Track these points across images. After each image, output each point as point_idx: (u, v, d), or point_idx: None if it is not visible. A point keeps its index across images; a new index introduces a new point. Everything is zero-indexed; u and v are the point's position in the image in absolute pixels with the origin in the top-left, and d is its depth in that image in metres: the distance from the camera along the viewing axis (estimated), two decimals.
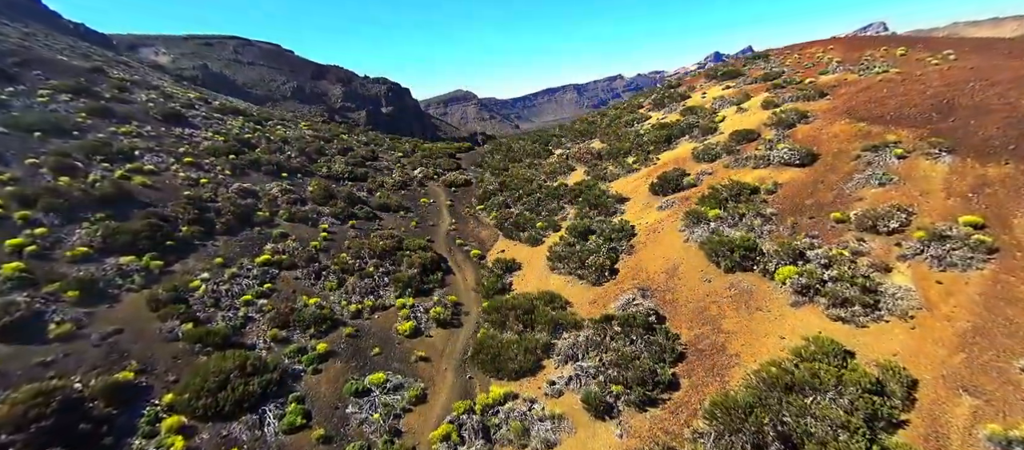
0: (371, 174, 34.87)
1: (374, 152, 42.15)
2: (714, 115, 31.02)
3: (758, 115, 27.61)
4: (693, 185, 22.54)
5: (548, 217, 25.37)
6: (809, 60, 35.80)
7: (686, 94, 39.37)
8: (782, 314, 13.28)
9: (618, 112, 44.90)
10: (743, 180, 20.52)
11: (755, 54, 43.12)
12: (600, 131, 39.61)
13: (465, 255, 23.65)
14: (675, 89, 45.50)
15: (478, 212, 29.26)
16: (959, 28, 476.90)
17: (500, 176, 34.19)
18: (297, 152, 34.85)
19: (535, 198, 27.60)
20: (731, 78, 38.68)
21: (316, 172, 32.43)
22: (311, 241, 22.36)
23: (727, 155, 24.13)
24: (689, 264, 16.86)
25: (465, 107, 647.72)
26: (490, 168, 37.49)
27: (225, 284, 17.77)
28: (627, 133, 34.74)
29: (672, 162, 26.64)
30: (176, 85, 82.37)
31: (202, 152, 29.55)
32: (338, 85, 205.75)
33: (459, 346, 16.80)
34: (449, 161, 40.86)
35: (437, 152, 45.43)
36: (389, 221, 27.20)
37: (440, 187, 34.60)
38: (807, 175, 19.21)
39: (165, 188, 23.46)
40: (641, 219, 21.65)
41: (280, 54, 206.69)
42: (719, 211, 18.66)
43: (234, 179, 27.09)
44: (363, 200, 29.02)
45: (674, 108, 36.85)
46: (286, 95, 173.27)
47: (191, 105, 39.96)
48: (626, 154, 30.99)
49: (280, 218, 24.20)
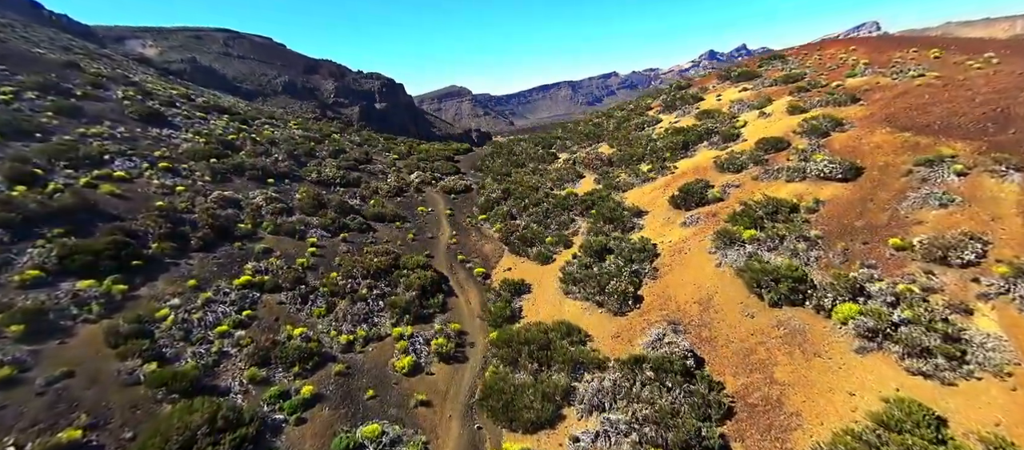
0: (364, 179, 32.87)
1: (367, 154, 40.13)
2: (734, 120, 29.22)
3: (785, 121, 25.85)
4: (719, 199, 20.73)
5: (558, 231, 23.50)
6: (832, 61, 34.10)
7: (699, 96, 37.58)
8: (846, 363, 11.48)
9: (625, 114, 43.05)
10: (778, 195, 18.73)
11: (771, 54, 41.42)
12: (608, 134, 37.76)
13: (468, 273, 21.74)
14: (685, 90, 43.72)
15: (480, 223, 27.34)
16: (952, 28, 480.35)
17: (503, 183, 32.26)
18: (285, 155, 32.80)
19: (542, 208, 25.71)
20: (747, 79, 36.92)
21: (305, 177, 30.39)
22: (298, 258, 20.38)
23: (755, 165, 22.35)
24: (725, 294, 15.05)
25: (459, 103, 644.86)
26: (491, 173, 35.57)
27: (198, 312, 15.78)
28: (638, 138, 32.90)
29: (691, 171, 24.83)
30: (160, 79, 79.94)
31: (181, 155, 27.50)
32: (330, 80, 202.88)
33: (465, 386, 14.92)
34: (447, 164, 38.90)
35: (434, 154, 43.45)
36: (384, 233, 25.24)
37: (438, 194, 32.64)
38: (852, 191, 17.44)
39: (136, 197, 21.40)
40: (663, 237, 19.83)
41: (272, 48, 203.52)
42: (755, 231, 16.85)
43: (214, 186, 25.06)
44: (356, 209, 27.04)
45: (688, 111, 35.04)
46: (277, 90, 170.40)
47: (172, 103, 37.78)
48: (639, 160, 29.15)
49: (264, 231, 22.20)
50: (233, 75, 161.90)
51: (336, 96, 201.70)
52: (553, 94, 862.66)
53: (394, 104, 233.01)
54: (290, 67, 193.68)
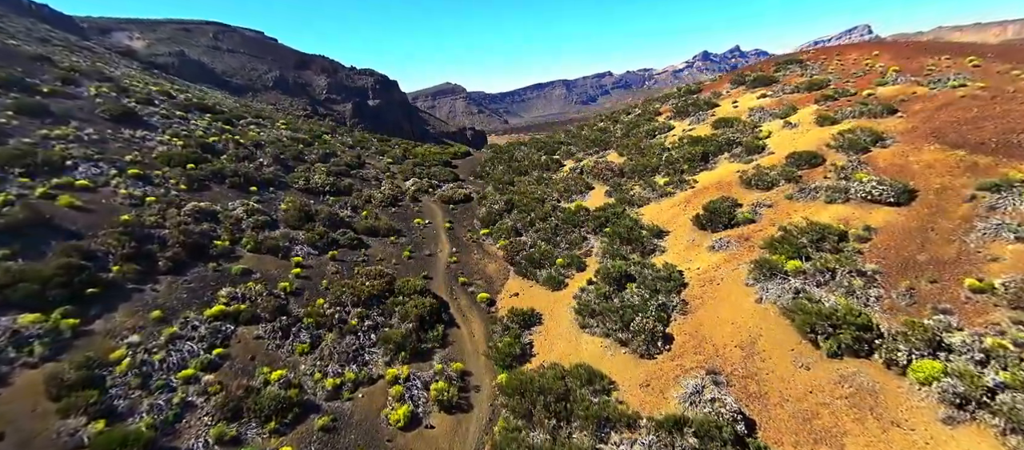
0: (356, 187, 30.79)
1: (360, 158, 38.05)
2: (756, 130, 27.44)
3: (815, 133, 24.07)
4: (750, 220, 18.88)
5: (569, 252, 21.57)
6: (856, 67, 32.41)
7: (713, 102, 35.79)
8: (934, 437, 9.64)
9: (633, 119, 41.21)
10: (818, 219, 16.91)
11: (787, 58, 39.73)
12: (616, 141, 35.90)
13: (471, 299, 19.77)
14: (696, 95, 41.99)
15: (482, 238, 25.38)
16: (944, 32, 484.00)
17: (506, 193, 30.30)
18: (271, 159, 30.67)
19: (550, 224, 23.77)
20: (764, 85, 35.18)
21: (292, 184, 28.30)
22: (280, 281, 18.34)
23: (786, 182, 20.54)
24: (772, 337, 13.18)
25: (453, 101, 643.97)
26: (493, 181, 33.59)
27: (160, 351, 13.72)
28: (650, 146, 31.05)
29: (714, 187, 23.00)
30: (144, 74, 77.35)
31: (154, 160, 25.35)
32: (323, 76, 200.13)
33: (471, 443, 12.97)
34: (445, 171, 36.88)
35: (430, 158, 41.42)
36: (378, 249, 23.20)
37: (436, 204, 30.63)
38: (908, 218, 15.64)
39: (99, 210, 19.28)
40: (690, 262, 17.95)
41: (263, 42, 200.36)
42: (799, 262, 15.02)
43: (190, 196, 22.94)
44: (347, 222, 25.00)
45: (702, 118, 33.24)
46: (268, 85, 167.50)
47: (150, 100, 35.51)
48: (653, 172, 27.31)
49: (243, 248, 20.12)
50: (223, 69, 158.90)
51: (328, 92, 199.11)
52: (547, 93, 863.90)
53: (388, 101, 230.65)
54: (281, 62, 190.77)
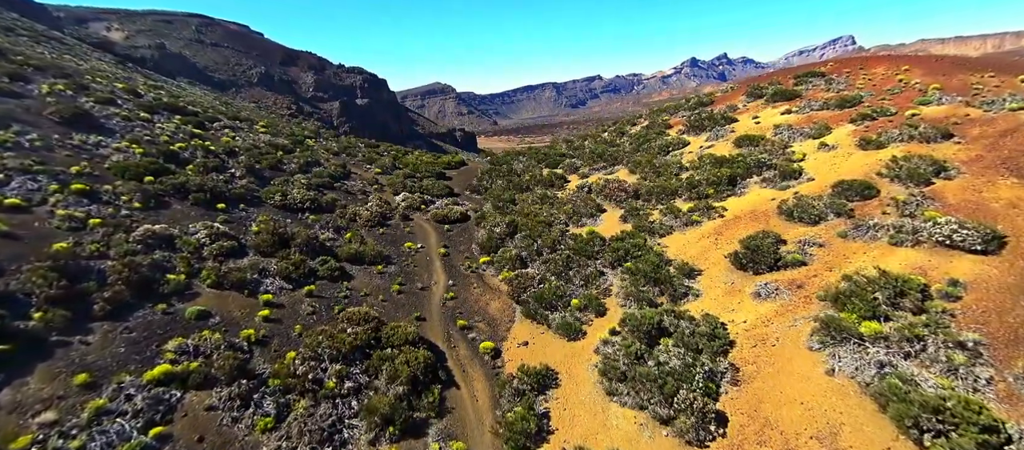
0: (340, 202, 27.80)
1: (345, 167, 35.04)
2: (787, 150, 25.03)
3: (858, 157, 21.68)
4: (800, 262, 16.32)
5: (585, 290, 18.88)
6: (888, 83, 30.25)
7: (730, 117, 33.40)
8: None
9: (641, 132, 38.71)
10: (886, 265, 14.40)
11: (807, 70, 37.55)
12: (625, 156, 33.32)
13: (472, 348, 16.94)
14: (707, 107, 39.63)
15: (482, 268, 22.58)
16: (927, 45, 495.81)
17: (508, 213, 27.54)
18: (244, 170, 27.59)
19: (562, 256, 21.03)
20: (785, 99, 32.87)
21: (267, 200, 25.27)
22: (244, 328, 15.39)
23: (836, 216, 18.05)
24: (858, 428, 10.58)
25: (443, 101, 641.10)
26: (492, 198, 30.78)
27: (79, 435, 10.76)
28: (666, 165, 28.50)
29: (747, 217, 20.48)
30: (116, 68, 73.42)
31: (107, 172, 22.22)
32: (310, 73, 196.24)
33: None
34: (438, 184, 34.00)
35: (422, 168, 38.52)
36: (362, 281, 20.29)
37: (429, 223, 27.76)
38: (1002, 271, 13.16)
39: (28, 236, 16.18)
40: (733, 313, 15.35)
41: (248, 36, 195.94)
42: (877, 324, 12.46)
43: (144, 215, 19.88)
44: (328, 247, 22.06)
45: (721, 134, 30.79)
46: (252, 81, 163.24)
47: (112, 100, 32.22)
48: (673, 195, 24.74)
49: (202, 283, 17.12)
50: (205, 64, 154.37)
51: (315, 90, 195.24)
52: (537, 95, 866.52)
53: (376, 100, 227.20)
54: (267, 57, 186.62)
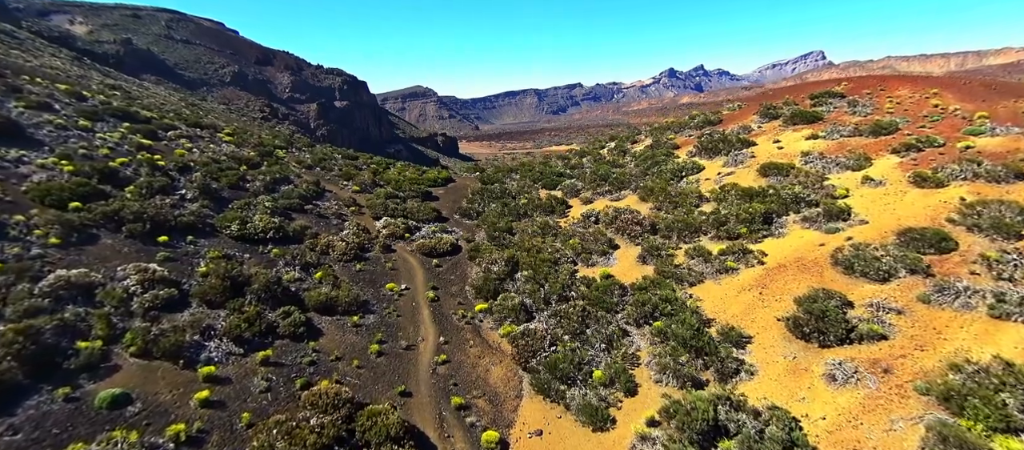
0: (311, 230, 24.03)
1: (319, 184, 31.20)
2: (824, 183, 22.24)
3: (915, 197, 18.92)
4: (879, 335, 13.27)
5: (609, 357, 15.55)
6: (921, 107, 27.86)
7: (746, 139, 30.60)
8: None
9: (647, 151, 35.76)
10: (995, 347, 11.45)
11: (823, 91, 35.11)
12: (632, 180, 30.23)
13: (471, 440, 13.38)
14: (715, 125, 36.93)
15: (479, 317, 19.10)
16: (893, 62, 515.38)
17: (506, 246, 24.15)
18: (198, 190, 23.64)
19: (576, 308, 17.67)
20: (808, 122, 30.25)
21: (223, 229, 21.39)
22: (172, 419, 11.66)
23: (909, 273, 15.12)
24: None
25: (424, 104, 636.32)
26: (486, 225, 27.30)
27: None
28: (684, 194, 25.45)
29: (793, 265, 17.47)
30: (72, 65, 68.11)
31: (22, 197, 18.20)
32: (286, 73, 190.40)
33: None
34: (424, 207, 30.40)
35: (406, 186, 34.85)
36: (334, 339, 16.62)
37: (414, 256, 24.17)
38: None
39: None
40: (804, 402, 12.18)
41: (221, 34, 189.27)
42: (1016, 441, 9.45)
43: (61, 256, 15.97)
44: (292, 292, 18.34)
45: (740, 159, 27.94)
46: (225, 80, 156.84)
47: (47, 104, 27.93)
48: (695, 231, 21.68)
49: (125, 351, 13.33)
50: (174, 61, 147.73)
51: (292, 91, 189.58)
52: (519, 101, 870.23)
53: (355, 103, 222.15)
54: (241, 56, 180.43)
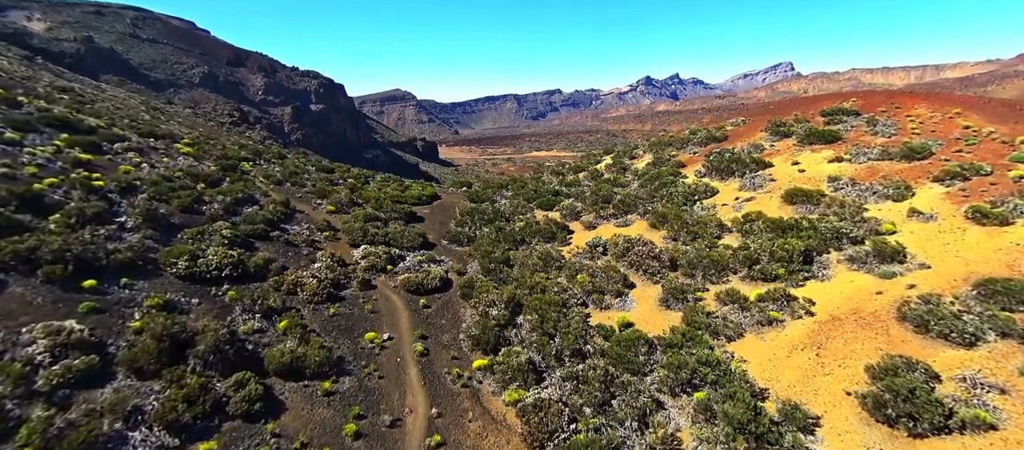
0: (277, 262, 20.66)
1: (288, 204, 27.76)
2: (862, 214, 19.88)
3: (979, 237, 16.58)
4: (986, 423, 10.68)
5: (643, 438, 12.67)
6: (950, 129, 25.88)
7: (759, 159, 28.25)
8: None
9: (649, 169, 33.20)
10: None
11: (835, 107, 33.09)
12: (639, 202, 27.54)
13: None
14: (720, 142, 34.64)
15: (477, 376, 16.04)
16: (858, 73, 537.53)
17: (504, 280, 21.17)
18: (142, 217, 20.07)
19: (597, 371, 14.76)
20: (824, 142, 28.07)
21: (167, 267, 17.88)
22: None
23: (999, 336, 12.65)
24: None
25: (403, 108, 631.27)
26: (479, 254, 24.21)
27: None
28: (702, 223, 22.83)
29: (851, 318, 14.91)
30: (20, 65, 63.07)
31: None
32: (259, 75, 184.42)
33: None
34: (408, 231, 27.17)
35: (387, 204, 31.56)
36: (299, 414, 13.36)
37: (398, 293, 20.97)
38: None
39: None
40: None
41: (191, 33, 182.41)
42: None
43: None
44: (249, 351, 15.02)
45: (758, 182, 25.52)
46: (193, 81, 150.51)
47: None
48: (722, 269, 19.04)
49: None
50: (140, 61, 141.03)
51: (265, 94, 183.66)
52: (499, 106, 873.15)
53: (332, 106, 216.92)
54: (212, 57, 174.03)
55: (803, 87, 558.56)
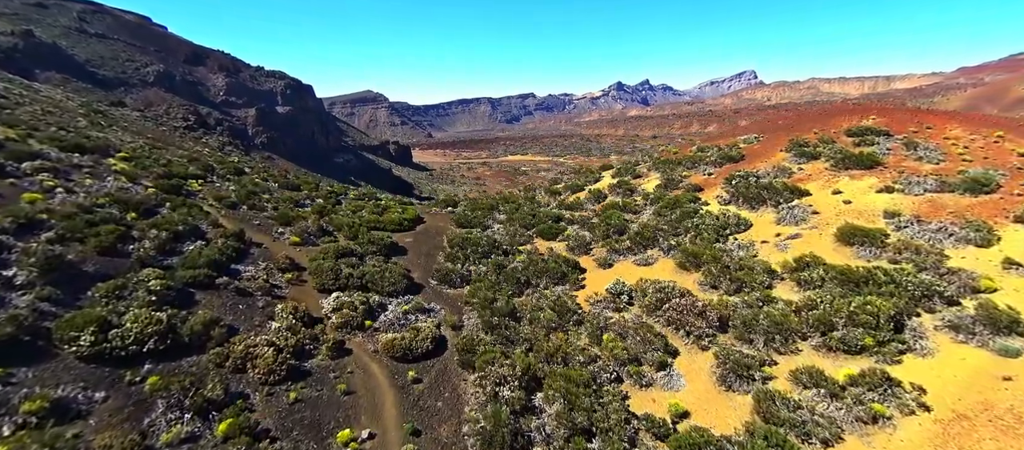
0: (222, 323, 16.14)
1: (243, 237, 23.12)
2: (943, 262, 16.71)
3: None
4: None
5: None
6: (1002, 156, 23.23)
7: (792, 185, 25.06)
8: None
9: (660, 193, 29.71)
10: None
11: (862, 126, 30.34)
12: (659, 235, 23.93)
13: None
14: (737, 162, 31.47)
15: None
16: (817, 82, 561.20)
17: (511, 338, 17.20)
18: (38, 268, 15.27)
19: None
20: (862, 167, 25.06)
21: (64, 343, 13.22)
22: None
23: None
24: None
25: (375, 110, 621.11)
26: (478, 303, 20.09)
27: None
28: (747, 266, 19.32)
29: (981, 417, 11.48)
30: None
31: None
32: (221, 74, 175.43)
33: None
34: (390, 271, 22.84)
35: (363, 233, 27.13)
36: None
37: (379, 362, 16.69)
38: None
39: None
40: None
41: (146, 28, 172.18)
42: None
43: None
44: None
45: (799, 215, 22.23)
46: (147, 80, 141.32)
47: None
48: (788, 334, 15.50)
49: None
50: (86, 57, 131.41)
51: (227, 94, 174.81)
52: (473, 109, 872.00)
53: (300, 108, 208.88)
54: (169, 54, 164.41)
55: (766, 95, 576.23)
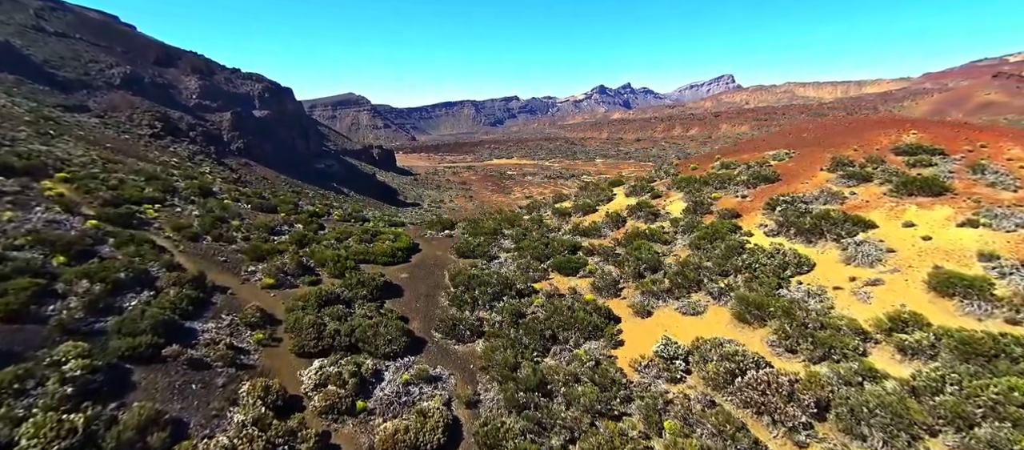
0: (164, 421, 12.16)
1: (203, 280, 19.03)
2: None
3: None
4: None
5: None
6: None
7: (851, 215, 21.89)
8: None
9: (690, 219, 26.34)
10: None
11: (915, 145, 27.43)
12: (703, 274, 20.50)
13: None
14: (772, 182, 28.27)
15: None
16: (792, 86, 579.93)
17: (544, 427, 13.51)
18: None
19: None
20: (928, 193, 22.00)
21: None
22: None
23: None
24: None
25: (357, 113, 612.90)
26: (496, 369, 16.37)
27: None
28: (832, 325, 15.94)
29: None
30: None
31: None
32: (194, 77, 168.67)
33: None
34: (385, 323, 18.96)
35: (351, 271, 23.22)
36: None
37: None
38: None
39: None
40: None
41: (111, 27, 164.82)
42: None
43: None
44: None
45: (872, 256, 18.92)
46: (113, 82, 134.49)
47: None
48: (911, 426, 12.11)
49: None
50: (45, 57, 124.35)
51: (200, 98, 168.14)
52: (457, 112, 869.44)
53: (279, 112, 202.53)
54: (137, 55, 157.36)
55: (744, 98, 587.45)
